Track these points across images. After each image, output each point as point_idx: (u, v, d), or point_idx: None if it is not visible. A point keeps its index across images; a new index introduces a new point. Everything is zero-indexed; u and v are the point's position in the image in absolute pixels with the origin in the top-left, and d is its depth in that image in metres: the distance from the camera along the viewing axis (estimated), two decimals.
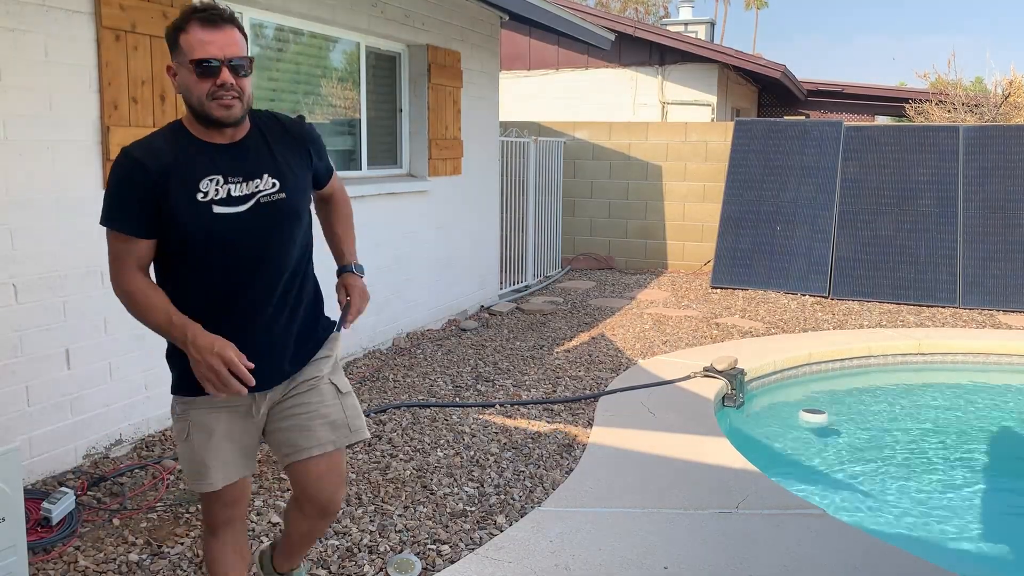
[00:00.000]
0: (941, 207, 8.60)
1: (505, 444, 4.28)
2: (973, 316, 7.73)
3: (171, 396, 2.20)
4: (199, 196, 1.97)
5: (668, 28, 16.15)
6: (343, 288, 2.34)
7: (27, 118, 3.55)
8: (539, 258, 9.45)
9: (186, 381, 2.11)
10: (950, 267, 8.27)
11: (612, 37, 9.72)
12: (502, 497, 3.64)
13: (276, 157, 2.11)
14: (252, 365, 1.95)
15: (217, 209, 1.99)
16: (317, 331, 2.28)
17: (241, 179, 2.03)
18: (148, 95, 4.08)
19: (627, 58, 13.53)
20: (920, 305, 8.14)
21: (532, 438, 4.37)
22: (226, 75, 1.94)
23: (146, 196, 1.94)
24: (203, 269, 2.02)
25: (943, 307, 8.07)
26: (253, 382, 1.96)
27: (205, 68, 1.94)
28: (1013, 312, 7.87)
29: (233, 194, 2.01)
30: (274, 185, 2.07)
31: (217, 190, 1.99)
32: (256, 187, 2.04)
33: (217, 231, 1.99)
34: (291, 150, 2.16)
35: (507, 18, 7.95)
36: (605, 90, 13.69)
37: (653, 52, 13.42)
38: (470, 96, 7.45)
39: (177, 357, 2.11)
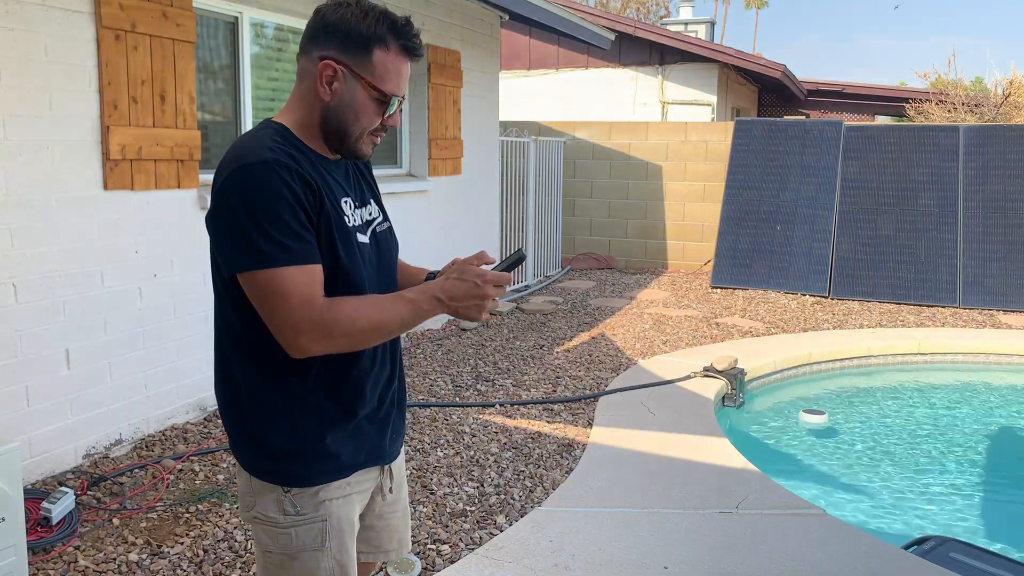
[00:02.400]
0: (941, 207, 8.60)
1: (505, 444, 4.28)
2: (973, 316, 7.73)
3: (280, 492, 1.58)
4: (346, 220, 1.57)
5: (668, 28, 16.14)
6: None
7: (27, 118, 3.55)
8: (539, 258, 9.45)
9: (315, 460, 1.58)
10: (950, 267, 8.27)
11: (612, 37, 9.72)
12: (502, 497, 3.64)
13: (369, 182, 1.78)
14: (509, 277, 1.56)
15: (359, 237, 1.60)
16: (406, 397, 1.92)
17: (359, 203, 1.66)
18: (148, 95, 4.07)
19: (627, 58, 13.53)
20: (920, 305, 8.14)
21: (532, 438, 4.37)
22: (397, 117, 1.63)
23: (310, 215, 1.49)
24: None
25: (943, 307, 8.07)
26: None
27: (389, 103, 1.57)
28: (1013, 312, 7.87)
29: (363, 219, 1.65)
30: (380, 212, 1.74)
31: (352, 215, 1.60)
32: (370, 214, 1.69)
33: (358, 264, 1.58)
34: (368, 175, 1.81)
35: (507, 18, 7.94)
36: (605, 90, 13.69)
37: (653, 52, 13.42)
38: (470, 96, 7.45)
39: (293, 429, 1.57)
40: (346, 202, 1.59)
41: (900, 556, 3.11)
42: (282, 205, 1.43)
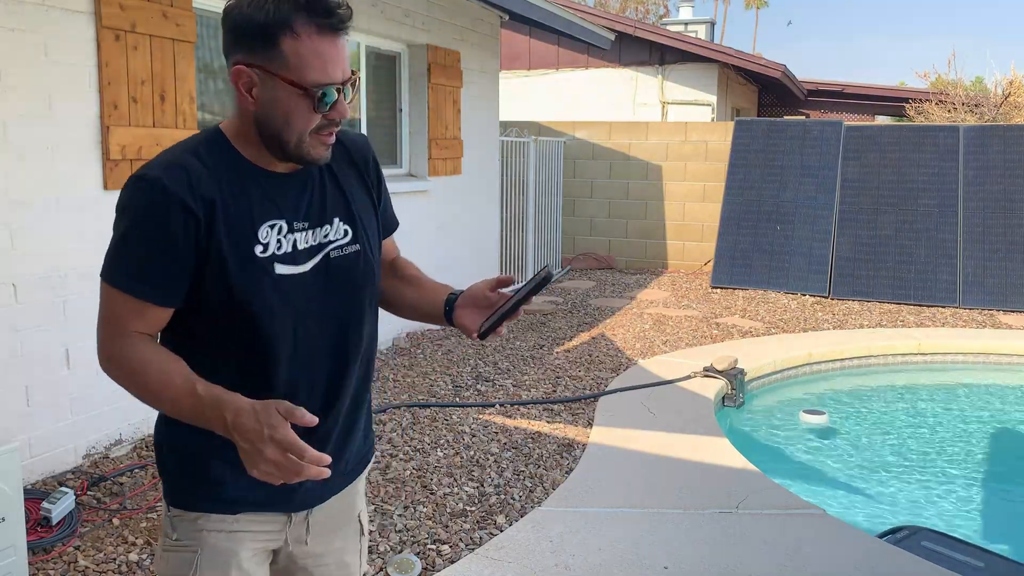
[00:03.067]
0: (941, 207, 8.60)
1: (505, 444, 4.28)
2: (973, 316, 7.73)
3: (166, 508, 1.48)
4: (258, 249, 1.36)
5: (668, 28, 16.14)
6: (470, 305, 1.59)
7: (27, 118, 3.55)
8: (539, 258, 9.45)
9: (197, 484, 1.44)
10: (950, 267, 8.27)
11: (612, 37, 9.72)
12: (502, 497, 3.64)
13: (346, 194, 1.51)
14: (328, 459, 1.24)
15: (280, 269, 1.39)
16: (367, 447, 1.66)
17: (307, 225, 1.43)
18: (148, 95, 4.07)
19: (627, 58, 13.53)
20: (920, 305, 8.14)
21: (532, 438, 4.37)
22: (343, 107, 1.37)
23: (182, 248, 1.32)
24: (247, 353, 1.40)
25: (943, 307, 8.07)
26: (327, 468, 1.25)
27: (323, 96, 1.32)
28: (1013, 312, 7.87)
29: (299, 246, 1.41)
30: (346, 233, 1.48)
31: (280, 241, 1.39)
32: (325, 236, 1.45)
33: (279, 301, 1.38)
34: (359, 183, 1.55)
35: (507, 18, 7.95)
36: (605, 90, 13.69)
37: (653, 52, 13.41)
38: (470, 96, 7.45)
39: (182, 444, 1.44)
40: (272, 226, 1.38)
41: (900, 556, 3.12)
42: (144, 230, 1.31)
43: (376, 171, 1.60)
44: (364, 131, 6.26)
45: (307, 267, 1.42)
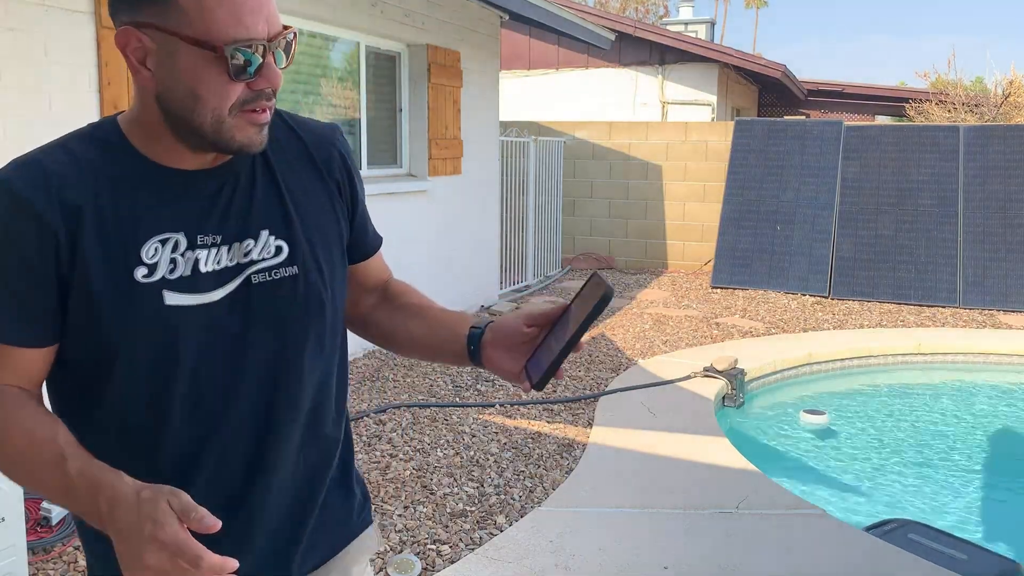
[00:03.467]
0: (941, 207, 8.60)
1: (505, 444, 4.28)
2: (973, 316, 7.73)
3: None
4: (140, 272, 1.03)
5: (668, 28, 16.15)
6: (503, 343, 1.23)
7: (27, 118, 3.55)
8: (539, 258, 9.45)
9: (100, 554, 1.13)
10: (950, 267, 8.27)
11: (612, 37, 9.72)
12: (502, 497, 3.64)
13: (285, 197, 1.14)
14: (234, 564, 0.90)
15: (172, 298, 1.04)
16: (346, 513, 1.29)
17: (219, 239, 1.08)
18: None
19: (627, 58, 13.53)
20: (920, 305, 8.14)
21: (532, 438, 4.37)
22: (273, 72, 1.02)
23: (39, 270, 1.01)
24: (126, 412, 1.07)
25: (943, 307, 8.06)
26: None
27: (242, 59, 0.99)
28: (1013, 312, 7.87)
29: (203, 268, 1.06)
30: (278, 251, 1.12)
31: (174, 260, 1.05)
32: (246, 254, 1.10)
33: (167, 341, 1.04)
34: (316, 186, 1.19)
35: (507, 18, 7.94)
36: (605, 90, 13.69)
37: (653, 52, 13.41)
38: (470, 96, 7.45)
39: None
40: (165, 241, 1.04)
41: (901, 556, 3.12)
42: None
43: (345, 170, 1.23)
44: (364, 131, 6.25)
45: (214, 295, 1.07)
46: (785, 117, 13.38)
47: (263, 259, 1.11)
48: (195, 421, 1.08)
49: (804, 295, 8.53)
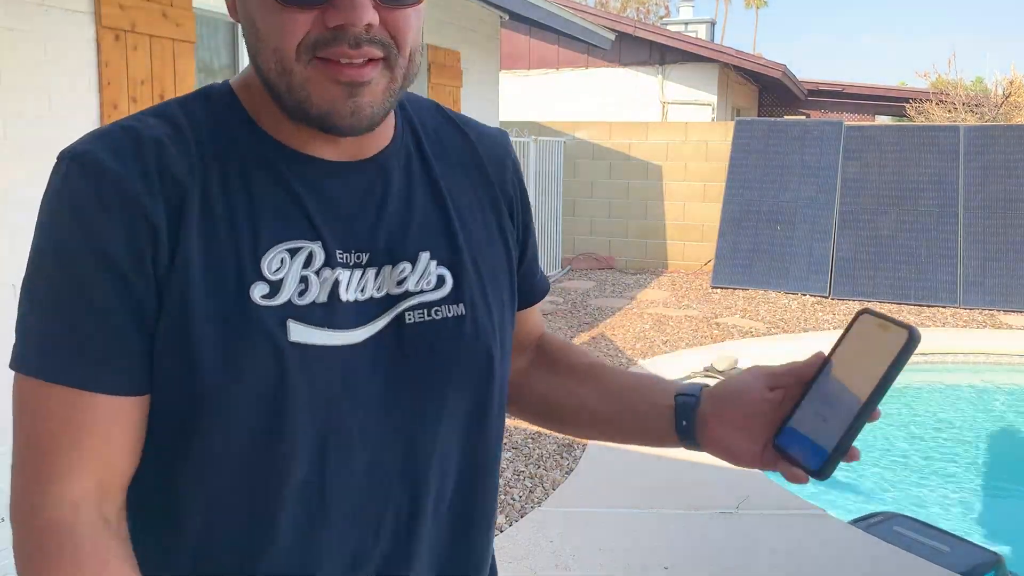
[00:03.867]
0: (942, 207, 8.60)
1: (505, 444, 4.28)
2: (974, 316, 7.73)
3: None
4: (258, 291, 0.72)
5: (668, 28, 16.15)
6: (733, 418, 0.90)
7: (27, 118, 3.55)
8: (539, 258, 9.44)
9: None
10: (950, 267, 8.27)
11: (612, 37, 9.72)
12: (502, 497, 3.64)
13: (450, 212, 0.85)
14: None
15: (298, 333, 0.73)
16: None
17: (366, 259, 0.78)
18: (147, 95, 4.07)
19: (627, 58, 13.53)
20: (921, 305, 8.14)
21: (532, 438, 4.37)
22: (354, 9, 0.69)
23: (132, 275, 0.71)
24: (230, 504, 0.75)
25: (944, 307, 8.06)
26: None
27: None
28: (1014, 312, 7.87)
29: (344, 296, 0.76)
30: (440, 282, 0.82)
31: (305, 280, 0.74)
32: (400, 282, 0.80)
33: (291, 391, 0.72)
34: (484, 204, 0.90)
35: (507, 18, 7.94)
36: (605, 90, 13.69)
37: (653, 52, 13.42)
38: (470, 96, 7.44)
39: None
40: (294, 252, 0.74)
41: (901, 557, 3.11)
42: (64, 256, 0.75)
43: (519, 190, 0.94)
44: None
45: (355, 335, 0.76)
46: (785, 117, 13.38)
47: (421, 291, 0.80)
48: (314, 524, 0.75)
49: (804, 295, 8.53)
